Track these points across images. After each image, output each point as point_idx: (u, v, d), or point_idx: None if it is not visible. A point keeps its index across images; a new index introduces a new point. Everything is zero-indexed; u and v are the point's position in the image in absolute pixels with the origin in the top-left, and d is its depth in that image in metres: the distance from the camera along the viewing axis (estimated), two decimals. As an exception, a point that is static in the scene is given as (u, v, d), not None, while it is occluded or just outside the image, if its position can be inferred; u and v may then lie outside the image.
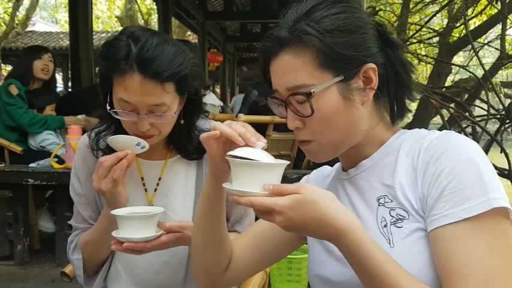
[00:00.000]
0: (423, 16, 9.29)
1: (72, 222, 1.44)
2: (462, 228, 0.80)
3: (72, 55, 5.91)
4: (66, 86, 13.33)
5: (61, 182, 3.22)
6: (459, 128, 5.27)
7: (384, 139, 0.97)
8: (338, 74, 0.88)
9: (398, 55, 0.94)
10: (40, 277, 3.24)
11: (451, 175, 0.82)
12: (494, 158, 5.16)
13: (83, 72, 5.88)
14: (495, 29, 8.46)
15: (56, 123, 3.79)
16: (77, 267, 1.36)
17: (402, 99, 0.97)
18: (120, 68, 1.16)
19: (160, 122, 1.22)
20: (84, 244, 1.35)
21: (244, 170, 0.82)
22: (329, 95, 0.88)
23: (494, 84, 6.44)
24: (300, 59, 0.88)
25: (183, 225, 1.20)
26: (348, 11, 0.90)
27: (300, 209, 0.77)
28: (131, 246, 1.13)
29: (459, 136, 0.88)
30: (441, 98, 5.44)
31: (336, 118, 0.89)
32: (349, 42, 0.87)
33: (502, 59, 6.94)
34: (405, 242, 0.85)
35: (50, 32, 18.27)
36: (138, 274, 1.35)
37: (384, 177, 0.92)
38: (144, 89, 1.16)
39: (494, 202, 0.79)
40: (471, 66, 7.39)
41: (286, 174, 3.06)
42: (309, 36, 0.86)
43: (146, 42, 1.17)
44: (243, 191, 0.80)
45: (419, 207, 0.86)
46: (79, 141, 1.40)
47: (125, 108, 1.20)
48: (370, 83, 0.90)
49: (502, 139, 5.43)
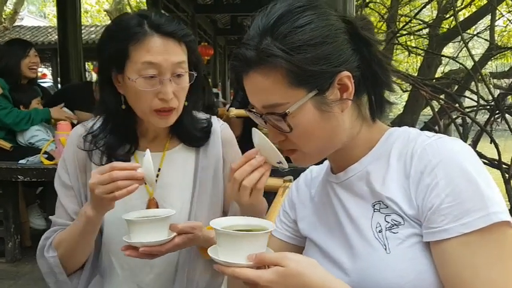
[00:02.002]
0: (413, 8, 9.31)
1: (52, 217, 1.36)
2: (466, 243, 0.79)
3: (60, 50, 5.86)
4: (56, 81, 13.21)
5: (51, 179, 3.14)
6: (449, 119, 5.31)
7: (371, 140, 0.95)
8: (311, 90, 0.86)
9: (372, 52, 0.90)
10: (31, 274, 3.23)
11: (449, 188, 0.81)
12: (484, 148, 5.20)
13: (72, 66, 5.83)
14: (484, 20, 8.50)
15: (40, 116, 3.73)
16: (54, 265, 1.27)
17: (381, 96, 0.94)
18: (136, 34, 1.20)
19: (181, 85, 1.24)
20: (57, 243, 1.28)
21: (228, 240, 0.84)
22: (305, 111, 0.87)
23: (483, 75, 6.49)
24: (271, 79, 0.85)
25: (194, 226, 1.21)
26: (315, 20, 0.86)
27: (285, 282, 0.78)
28: (147, 250, 1.13)
29: (453, 143, 0.86)
30: (431, 90, 5.47)
31: (316, 130, 0.89)
32: (319, 55, 0.84)
33: (492, 50, 6.99)
34: (401, 248, 0.84)
35: (38, 26, 18.07)
36: (132, 269, 1.34)
37: (376, 183, 0.91)
38: (167, 47, 1.21)
39: (495, 217, 0.78)
40: (461, 58, 7.42)
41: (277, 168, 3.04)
42: (275, 57, 0.83)
43: (154, 14, 1.24)
44: (227, 262, 0.81)
45: (414, 215, 0.85)
46: (71, 133, 1.38)
47: (148, 74, 1.19)
48: (347, 90, 0.88)
49: (492, 129, 5.47)
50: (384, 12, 8.46)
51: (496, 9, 6.97)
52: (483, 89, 6.18)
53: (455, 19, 6.74)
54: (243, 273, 0.79)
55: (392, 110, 1.01)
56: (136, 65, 1.20)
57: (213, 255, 0.85)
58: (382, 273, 0.84)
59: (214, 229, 0.86)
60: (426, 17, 10.06)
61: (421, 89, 5.00)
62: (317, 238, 1.00)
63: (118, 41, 1.21)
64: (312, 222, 1.04)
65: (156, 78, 1.20)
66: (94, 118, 1.37)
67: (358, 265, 0.88)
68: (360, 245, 0.89)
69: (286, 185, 1.64)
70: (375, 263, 0.85)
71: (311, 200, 1.07)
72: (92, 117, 1.40)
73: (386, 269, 0.84)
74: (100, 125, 1.33)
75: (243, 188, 0.96)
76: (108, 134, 1.31)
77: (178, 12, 10.83)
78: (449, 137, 0.88)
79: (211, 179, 1.37)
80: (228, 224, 0.91)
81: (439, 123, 5.15)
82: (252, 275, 0.79)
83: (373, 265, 0.86)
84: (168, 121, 1.26)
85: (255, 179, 0.96)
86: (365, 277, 0.85)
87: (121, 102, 1.26)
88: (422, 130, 0.95)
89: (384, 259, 0.85)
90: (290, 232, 1.11)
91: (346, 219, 0.94)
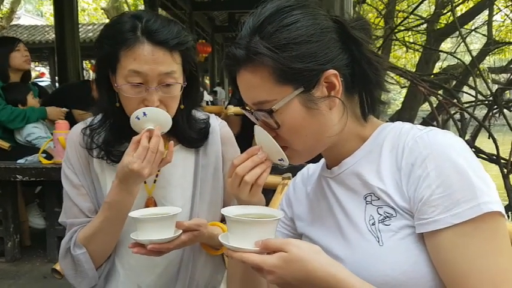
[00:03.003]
0: (410, 3, 9.30)
1: (64, 219, 1.35)
2: (459, 234, 0.80)
3: (58, 48, 5.84)
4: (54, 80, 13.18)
5: (50, 178, 3.18)
6: (447, 114, 5.31)
7: (364, 135, 0.96)
8: (297, 87, 0.88)
9: (362, 52, 0.91)
10: (31, 273, 3.23)
11: (439, 179, 0.82)
12: (482, 143, 5.21)
13: (70, 65, 5.82)
14: (482, 15, 8.51)
15: (36, 115, 3.72)
16: (85, 261, 1.26)
17: (372, 95, 0.95)
18: (128, 40, 1.18)
19: (169, 95, 1.22)
20: (86, 238, 1.27)
21: (238, 226, 0.88)
22: (292, 108, 0.89)
23: (481, 70, 6.50)
24: (258, 76, 0.88)
25: (199, 223, 1.22)
26: (301, 19, 0.88)
27: (288, 267, 0.81)
28: (156, 247, 1.14)
29: (444, 135, 0.87)
30: (429, 85, 5.48)
31: (303, 128, 0.90)
32: (304, 53, 0.86)
33: (489, 45, 6.99)
34: (394, 240, 0.86)
35: (35, 25, 18.02)
36: (133, 269, 1.34)
37: (368, 175, 0.92)
38: (155, 57, 1.18)
39: (485, 207, 0.79)
40: (459, 53, 7.42)
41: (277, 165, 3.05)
42: (261, 55, 0.86)
43: (150, 16, 1.22)
44: (235, 247, 0.85)
45: (406, 206, 0.86)
46: (70, 132, 1.38)
47: (134, 81, 1.19)
48: (334, 88, 0.89)
49: (490, 125, 5.48)
50: (382, 8, 8.45)
51: (494, 4, 6.98)
52: (481, 84, 6.19)
53: (453, 14, 6.74)
54: (249, 258, 0.83)
55: (390, 106, 1.01)
56: (124, 71, 1.20)
57: (223, 241, 0.88)
58: (375, 265, 0.85)
59: (226, 216, 0.89)
60: (424, 13, 10.06)
61: (419, 84, 5.00)
62: (313, 233, 1.02)
63: (110, 44, 1.21)
64: (308, 217, 1.05)
65: (142, 86, 1.20)
66: (94, 116, 1.37)
67: (352, 258, 0.90)
68: (353, 238, 0.91)
69: (285, 182, 1.65)
70: (368, 255, 0.87)
71: (307, 196, 1.08)
72: (90, 116, 1.39)
73: (379, 261, 0.85)
74: (99, 121, 1.34)
75: (244, 184, 0.96)
76: (106, 130, 1.32)
77: (175, 10, 10.81)
78: (441, 130, 0.89)
79: (211, 177, 1.37)
80: (239, 212, 0.94)
81: (437, 119, 5.15)
82: (257, 259, 0.82)
83: (367, 257, 0.87)
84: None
85: (256, 175, 0.96)
86: (359, 269, 0.86)
87: (116, 101, 1.26)
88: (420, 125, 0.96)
89: (376, 251, 0.86)
90: (288, 230, 1.12)
91: (340, 213, 0.95)
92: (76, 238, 1.28)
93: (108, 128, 1.32)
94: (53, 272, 1.49)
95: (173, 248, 1.18)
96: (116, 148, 1.31)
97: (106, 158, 1.31)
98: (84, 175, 1.33)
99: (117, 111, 1.27)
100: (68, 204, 1.34)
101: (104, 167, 1.33)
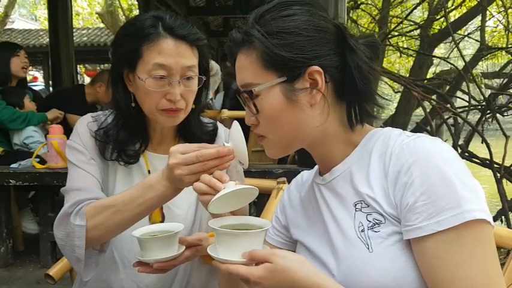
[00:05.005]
0: (404, 9, 9.35)
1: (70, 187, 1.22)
2: (443, 241, 0.80)
3: (52, 53, 5.83)
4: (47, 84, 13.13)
5: (44, 183, 3.17)
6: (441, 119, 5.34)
7: (354, 141, 0.97)
8: (281, 75, 0.90)
9: (354, 59, 0.93)
10: (25, 279, 3.21)
11: (424, 186, 0.82)
12: (476, 148, 5.25)
13: (64, 69, 5.81)
14: (475, 20, 8.57)
15: (37, 118, 3.73)
16: (78, 236, 1.12)
17: (361, 106, 0.96)
18: (150, 34, 1.22)
19: (190, 88, 1.26)
20: (96, 208, 1.13)
21: (225, 238, 0.89)
22: (272, 95, 0.91)
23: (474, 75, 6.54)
24: (249, 59, 0.93)
25: (201, 238, 1.23)
26: (298, 13, 0.91)
27: (274, 278, 0.82)
28: (162, 266, 1.14)
29: (431, 142, 0.87)
30: (423, 90, 5.51)
31: (280, 117, 0.92)
32: (292, 44, 0.89)
33: (482, 50, 7.03)
34: (383, 246, 0.86)
35: (29, 29, 17.93)
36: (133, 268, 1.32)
37: (357, 183, 0.92)
38: (179, 50, 1.23)
39: (468, 215, 0.79)
40: (452, 58, 7.47)
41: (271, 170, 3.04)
42: (253, 38, 0.91)
43: (169, 15, 1.27)
44: (222, 259, 0.87)
45: (393, 213, 0.87)
46: (78, 126, 1.33)
47: (158, 74, 1.22)
48: (317, 85, 0.91)
49: (483, 129, 5.51)
50: (376, 13, 8.50)
51: (487, 9, 7.03)
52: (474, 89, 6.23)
53: (446, 20, 6.79)
54: (235, 269, 0.84)
55: (384, 111, 1.02)
56: (148, 65, 1.23)
57: (211, 253, 0.90)
58: (365, 272, 0.86)
59: (213, 228, 0.90)
60: (417, 18, 10.12)
61: (412, 89, 5.02)
62: (305, 240, 1.02)
63: (132, 40, 1.24)
64: (301, 224, 1.05)
65: (166, 79, 1.23)
66: (105, 113, 1.37)
67: (342, 265, 0.90)
68: (343, 245, 0.91)
69: (279, 186, 1.65)
70: (358, 262, 0.87)
71: (301, 203, 1.09)
72: None
73: (369, 267, 0.85)
74: (112, 121, 1.34)
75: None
76: (120, 130, 1.32)
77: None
78: (429, 137, 0.90)
79: None
80: (227, 223, 0.95)
81: (431, 124, 5.18)
82: (243, 271, 0.84)
83: (356, 264, 0.87)
84: (175, 120, 1.28)
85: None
86: (349, 276, 0.87)
87: (131, 100, 1.29)
88: (415, 131, 0.96)
89: (366, 258, 0.86)
90: (282, 238, 1.12)
91: (330, 220, 0.96)
92: (84, 208, 1.15)
93: (121, 127, 1.32)
94: (46, 277, 1.49)
95: (178, 264, 1.18)
96: (130, 148, 1.32)
97: (120, 160, 1.30)
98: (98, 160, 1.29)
99: (133, 112, 1.29)
100: (75, 171, 1.25)
101: (116, 168, 1.32)
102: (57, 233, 1.17)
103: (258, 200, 2.33)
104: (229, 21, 12.61)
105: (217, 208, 0.97)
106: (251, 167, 3.16)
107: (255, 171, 2.98)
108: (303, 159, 2.97)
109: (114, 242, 1.31)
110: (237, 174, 1.40)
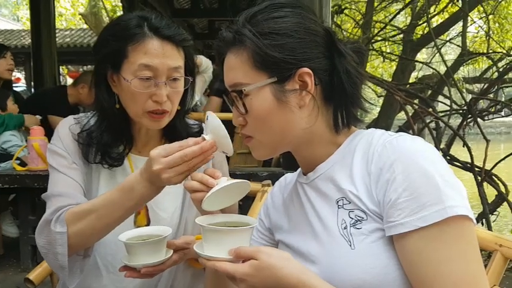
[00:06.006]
0: (388, 14, 9.47)
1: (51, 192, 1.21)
2: (425, 237, 0.81)
3: (34, 54, 5.75)
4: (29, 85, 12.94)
5: (24, 185, 3.12)
6: (423, 123, 5.41)
7: (338, 141, 0.98)
8: (271, 76, 0.91)
9: (343, 64, 0.94)
10: (4, 283, 3.15)
11: (406, 182, 0.83)
12: (457, 152, 5.32)
13: (46, 70, 5.73)
14: (457, 26, 8.72)
15: (14, 122, 3.67)
16: (60, 243, 1.10)
17: (348, 109, 0.97)
18: (136, 35, 1.20)
19: (176, 89, 1.25)
20: (76, 214, 1.11)
21: (212, 235, 0.89)
22: (262, 95, 0.92)
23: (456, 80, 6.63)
24: (239, 58, 0.93)
25: (188, 241, 1.22)
26: (289, 16, 0.92)
27: (259, 275, 0.83)
28: (150, 271, 1.13)
29: (412, 140, 0.88)
30: (405, 94, 5.57)
31: (270, 118, 0.93)
32: (283, 46, 0.90)
33: (464, 56, 7.16)
34: (365, 243, 0.86)
35: (11, 30, 17.68)
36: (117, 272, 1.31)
37: (340, 180, 0.93)
38: (165, 51, 1.21)
39: (450, 211, 0.80)
40: (434, 63, 7.57)
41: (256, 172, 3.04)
42: (245, 38, 0.92)
43: (154, 15, 1.25)
44: (208, 256, 0.87)
45: (376, 210, 0.87)
46: (60, 129, 1.31)
47: (144, 75, 1.20)
48: (306, 87, 0.92)
49: (465, 133, 5.59)
50: (359, 18, 8.58)
51: (468, 15, 7.16)
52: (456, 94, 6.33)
53: (428, 25, 6.88)
54: (221, 266, 0.85)
55: (367, 115, 1.02)
56: (133, 66, 1.21)
57: (198, 250, 0.89)
58: (348, 269, 0.86)
59: (200, 225, 0.90)
60: (400, 23, 10.26)
61: (395, 94, 5.08)
62: (289, 239, 1.02)
63: (116, 40, 1.22)
64: (285, 224, 1.06)
65: (152, 80, 1.21)
66: (87, 115, 1.35)
67: (325, 262, 0.91)
68: (327, 243, 0.92)
69: (264, 189, 1.65)
70: (341, 259, 0.88)
71: (284, 203, 1.09)
72: None
73: (351, 264, 0.86)
74: (95, 123, 1.31)
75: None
76: (103, 132, 1.29)
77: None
78: (410, 135, 0.91)
79: None
80: (214, 221, 0.95)
81: (413, 128, 5.24)
82: (229, 268, 0.84)
83: (339, 261, 0.88)
84: (160, 124, 1.27)
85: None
86: (331, 274, 0.87)
87: (115, 102, 1.27)
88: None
89: (349, 255, 0.87)
90: (266, 240, 1.13)
91: (314, 218, 0.96)
92: (63, 214, 1.13)
93: (105, 129, 1.30)
94: (26, 281, 1.46)
95: (165, 269, 1.17)
96: (114, 151, 1.30)
97: (104, 162, 1.28)
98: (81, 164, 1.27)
99: (117, 113, 1.27)
100: (56, 176, 1.23)
101: (100, 171, 1.30)
102: (39, 241, 1.15)
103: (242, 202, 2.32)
104: (214, 24, 12.60)
105: (211, 204, 0.96)
106: (236, 169, 3.16)
107: (240, 174, 2.98)
108: (288, 162, 2.98)
109: (97, 247, 1.29)
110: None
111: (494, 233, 1.28)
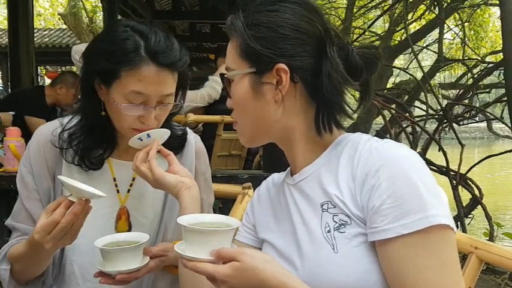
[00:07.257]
0: (366, 20, 9.60)
1: (11, 222, 1.27)
2: (407, 244, 0.82)
3: (11, 53, 5.64)
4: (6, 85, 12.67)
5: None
6: (400, 127, 5.50)
7: (324, 143, 0.99)
8: (251, 66, 0.95)
9: (327, 67, 0.92)
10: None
11: (390, 189, 0.83)
12: (433, 156, 5.42)
13: (23, 71, 5.62)
14: (433, 33, 8.88)
15: None
16: (4, 279, 1.20)
17: (330, 113, 0.96)
18: (131, 60, 1.14)
19: (164, 113, 1.23)
20: (12, 258, 1.21)
21: (193, 236, 0.88)
22: (242, 83, 0.97)
23: (432, 85, 6.77)
24: (231, 45, 0.98)
25: (166, 248, 1.21)
26: (282, 11, 0.93)
27: (240, 276, 0.82)
28: (125, 278, 1.12)
29: (398, 147, 0.89)
30: (383, 99, 5.66)
31: (246, 106, 0.97)
32: (266, 39, 0.92)
33: (440, 62, 7.29)
34: (348, 247, 0.87)
35: (-14, 28, 17.28)
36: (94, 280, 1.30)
37: (326, 183, 0.93)
38: (160, 78, 1.17)
39: (433, 219, 0.81)
40: (411, 69, 7.71)
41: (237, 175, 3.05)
42: (236, 27, 0.96)
43: (154, 35, 1.18)
44: (190, 257, 0.86)
45: (360, 215, 0.88)
46: (38, 134, 1.30)
47: (134, 101, 1.17)
48: (281, 83, 0.93)
49: (440, 138, 5.71)
50: (339, 24, 8.67)
51: (444, 23, 7.31)
52: (432, 99, 6.45)
53: (406, 32, 7.00)
54: (202, 268, 0.84)
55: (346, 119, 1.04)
56: (125, 90, 1.16)
57: (179, 250, 0.88)
58: (329, 272, 0.87)
59: (182, 226, 0.89)
60: (379, 29, 10.39)
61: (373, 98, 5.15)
62: (272, 239, 1.03)
63: (109, 60, 1.16)
64: (269, 223, 1.06)
65: (141, 105, 1.18)
66: (70, 116, 1.32)
67: (307, 265, 0.91)
68: (309, 245, 0.92)
69: (245, 191, 1.66)
70: (323, 262, 0.88)
71: (270, 202, 1.10)
72: (43, 123, 1.36)
73: (333, 268, 0.87)
74: (77, 124, 1.29)
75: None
76: (85, 135, 1.28)
77: (135, 18, 10.66)
78: (396, 143, 0.92)
79: None
80: (195, 221, 0.94)
81: (390, 132, 5.32)
82: (210, 269, 0.83)
83: (321, 264, 0.88)
84: None
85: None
86: (313, 276, 0.88)
87: (101, 109, 1.23)
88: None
89: (331, 258, 0.87)
90: (252, 235, 1.13)
91: (298, 220, 0.97)
92: (7, 252, 1.22)
93: (87, 132, 1.28)
94: (2, 285, 1.44)
95: (141, 276, 1.16)
96: (93, 155, 1.28)
97: (82, 165, 1.27)
98: (46, 179, 1.27)
99: (102, 119, 1.24)
100: (18, 206, 1.28)
101: (73, 171, 1.29)
102: None
103: (223, 205, 2.33)
104: (195, 26, 12.55)
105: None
106: (216, 172, 3.16)
107: (220, 177, 2.98)
108: (269, 165, 2.99)
109: (73, 255, 1.28)
110: (205, 182, 1.40)
111: (469, 236, 1.29)
